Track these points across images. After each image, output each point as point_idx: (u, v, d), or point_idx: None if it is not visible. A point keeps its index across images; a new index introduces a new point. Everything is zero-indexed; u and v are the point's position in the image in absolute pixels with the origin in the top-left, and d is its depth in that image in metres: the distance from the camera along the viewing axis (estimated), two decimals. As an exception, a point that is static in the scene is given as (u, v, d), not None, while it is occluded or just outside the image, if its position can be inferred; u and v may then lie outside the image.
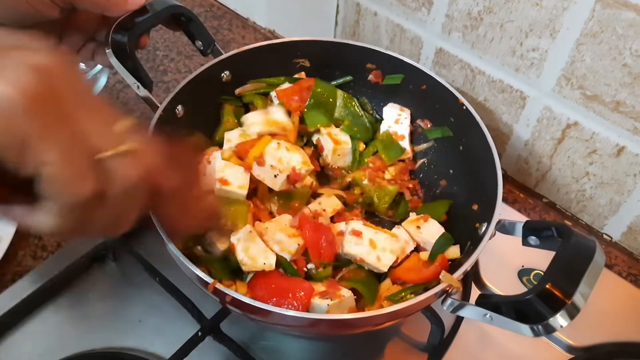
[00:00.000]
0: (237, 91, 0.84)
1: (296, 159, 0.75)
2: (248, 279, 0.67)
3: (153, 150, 0.37)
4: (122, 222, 0.39)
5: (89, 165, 0.31)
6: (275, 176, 0.74)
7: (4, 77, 0.28)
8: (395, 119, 0.85)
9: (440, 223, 0.75)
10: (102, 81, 0.97)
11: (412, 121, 0.86)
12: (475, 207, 0.73)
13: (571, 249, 0.53)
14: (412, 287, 0.67)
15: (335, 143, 0.82)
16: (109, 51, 0.66)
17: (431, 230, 0.74)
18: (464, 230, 0.72)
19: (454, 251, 0.71)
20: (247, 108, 0.85)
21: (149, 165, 0.36)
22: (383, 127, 0.85)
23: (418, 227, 0.74)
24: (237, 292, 0.56)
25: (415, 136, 0.86)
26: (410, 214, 0.79)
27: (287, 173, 0.74)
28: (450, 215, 0.78)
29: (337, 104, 0.84)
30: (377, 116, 0.89)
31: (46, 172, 0.30)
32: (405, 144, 0.83)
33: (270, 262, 0.66)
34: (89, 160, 0.31)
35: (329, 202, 0.78)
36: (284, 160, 0.74)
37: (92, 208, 0.33)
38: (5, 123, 0.27)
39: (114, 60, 0.67)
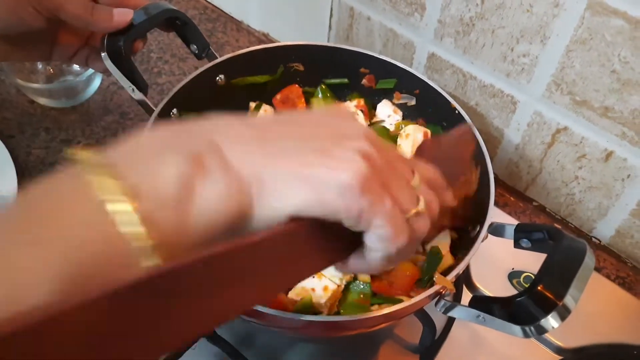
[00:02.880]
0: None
1: None
2: None
3: (438, 201, 0.45)
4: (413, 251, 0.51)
5: (402, 222, 0.40)
6: None
7: (344, 169, 0.36)
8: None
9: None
10: (96, 83, 0.97)
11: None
12: (467, 210, 0.73)
13: (562, 252, 0.54)
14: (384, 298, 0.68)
15: None
16: (104, 55, 0.67)
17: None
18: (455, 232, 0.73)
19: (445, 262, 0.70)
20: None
21: (436, 215, 0.45)
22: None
23: None
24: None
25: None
26: None
27: None
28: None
29: None
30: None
31: (376, 233, 0.39)
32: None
33: None
34: (402, 218, 0.40)
35: None
36: None
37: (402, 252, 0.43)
38: (348, 204, 0.36)
39: (109, 64, 0.67)
